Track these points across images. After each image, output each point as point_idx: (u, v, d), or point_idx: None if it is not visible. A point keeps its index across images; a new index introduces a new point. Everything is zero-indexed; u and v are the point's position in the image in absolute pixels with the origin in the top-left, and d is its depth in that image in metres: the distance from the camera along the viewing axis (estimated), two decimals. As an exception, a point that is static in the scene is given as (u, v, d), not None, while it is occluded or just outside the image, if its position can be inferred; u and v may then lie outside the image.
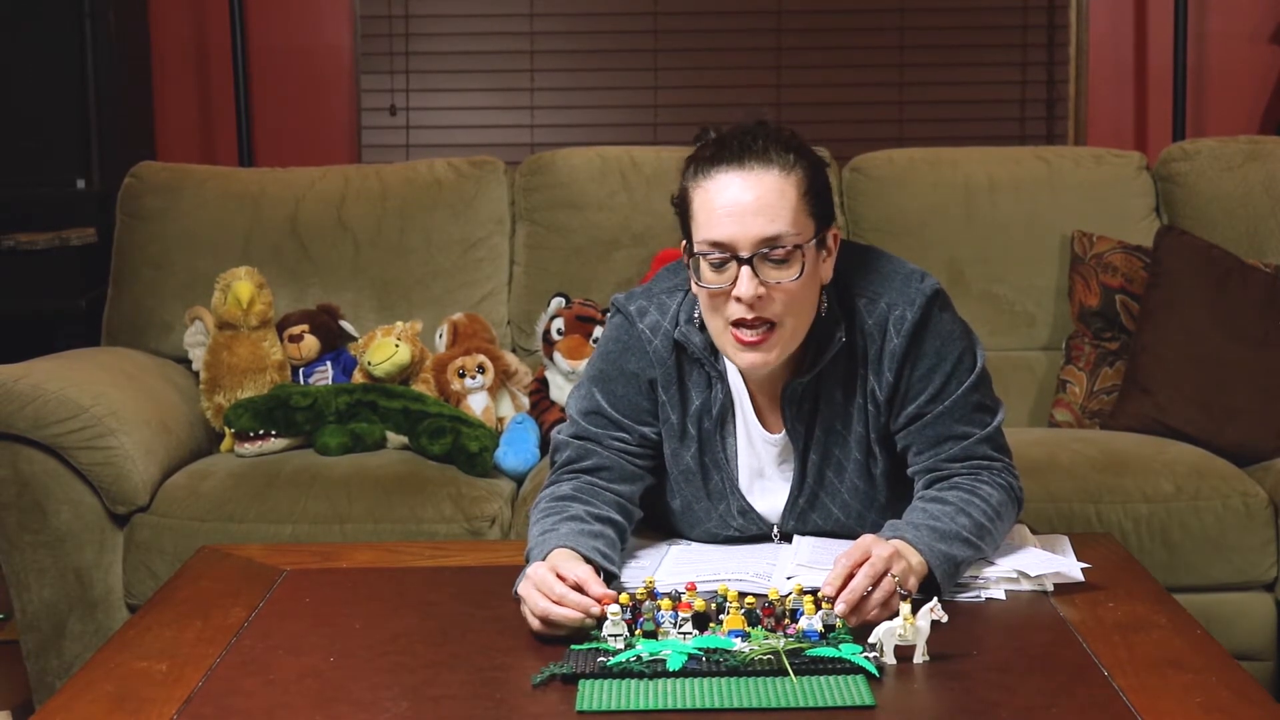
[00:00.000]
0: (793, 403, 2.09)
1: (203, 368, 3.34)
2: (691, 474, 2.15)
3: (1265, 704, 1.61)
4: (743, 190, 1.95)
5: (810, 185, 1.99)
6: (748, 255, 1.95)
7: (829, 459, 2.11)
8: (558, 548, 1.95)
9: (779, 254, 1.95)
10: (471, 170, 3.69)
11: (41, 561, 3.03)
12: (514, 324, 3.64)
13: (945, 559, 1.94)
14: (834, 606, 1.81)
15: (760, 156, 1.97)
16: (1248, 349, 3.31)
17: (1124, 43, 4.75)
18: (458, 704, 1.64)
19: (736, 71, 4.76)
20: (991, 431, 2.11)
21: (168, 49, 4.76)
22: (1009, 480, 2.10)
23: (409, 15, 4.76)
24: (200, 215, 3.62)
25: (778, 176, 1.96)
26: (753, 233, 1.94)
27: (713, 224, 1.96)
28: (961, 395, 2.08)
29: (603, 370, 2.16)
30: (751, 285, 1.95)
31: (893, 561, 1.87)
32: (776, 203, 1.95)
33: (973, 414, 2.10)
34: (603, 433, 2.14)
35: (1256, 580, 3.01)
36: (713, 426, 2.13)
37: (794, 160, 1.98)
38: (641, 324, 2.13)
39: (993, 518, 2.03)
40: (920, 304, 2.07)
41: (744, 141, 1.98)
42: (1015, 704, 1.61)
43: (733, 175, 1.96)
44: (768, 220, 1.94)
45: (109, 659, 1.82)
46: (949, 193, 3.64)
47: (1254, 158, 3.63)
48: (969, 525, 1.99)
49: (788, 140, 2.00)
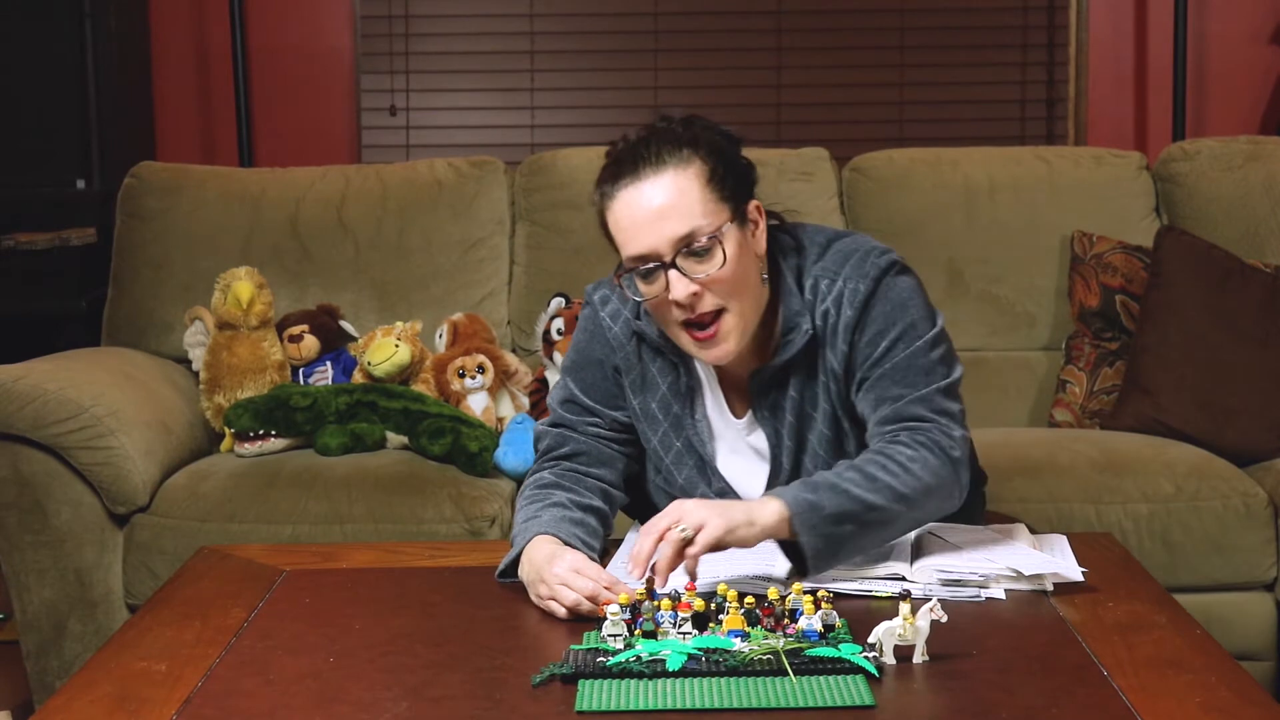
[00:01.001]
0: (760, 391, 2.12)
1: (203, 368, 3.34)
2: (666, 455, 2.19)
3: (1265, 704, 1.61)
4: (647, 199, 1.99)
5: (712, 171, 2.02)
6: (670, 259, 1.99)
7: (802, 444, 2.13)
8: (540, 534, 2.02)
9: (699, 247, 1.99)
10: (471, 170, 3.69)
11: (41, 562, 3.03)
12: (514, 324, 3.64)
13: (808, 506, 1.91)
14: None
15: (653, 162, 2.01)
16: (1248, 349, 3.31)
17: (1124, 43, 4.75)
18: (457, 704, 1.64)
19: (736, 71, 4.76)
20: (929, 392, 2.05)
21: (168, 49, 4.76)
22: (936, 437, 2.02)
23: (409, 15, 4.76)
24: (200, 215, 3.62)
25: (674, 175, 2.00)
26: (667, 236, 1.99)
27: (630, 240, 2.01)
28: (906, 358, 2.06)
29: (574, 360, 2.23)
30: (683, 285, 1.99)
31: (680, 515, 1.87)
32: (680, 201, 1.99)
33: (915, 376, 2.06)
34: (577, 419, 2.21)
35: (1256, 580, 3.01)
36: (682, 410, 2.17)
37: (688, 154, 2.01)
38: (603, 312, 2.19)
39: (894, 471, 1.97)
40: (874, 275, 2.08)
41: (636, 152, 2.02)
42: (1015, 704, 1.61)
43: (633, 188, 2.01)
44: (678, 220, 1.98)
45: (109, 659, 1.82)
46: (949, 193, 3.64)
47: (1254, 158, 3.63)
48: (855, 478, 1.95)
49: (679, 135, 2.03)
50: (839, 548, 1.95)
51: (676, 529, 1.87)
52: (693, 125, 2.05)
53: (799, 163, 3.67)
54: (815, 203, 3.62)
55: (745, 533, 1.90)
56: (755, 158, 2.10)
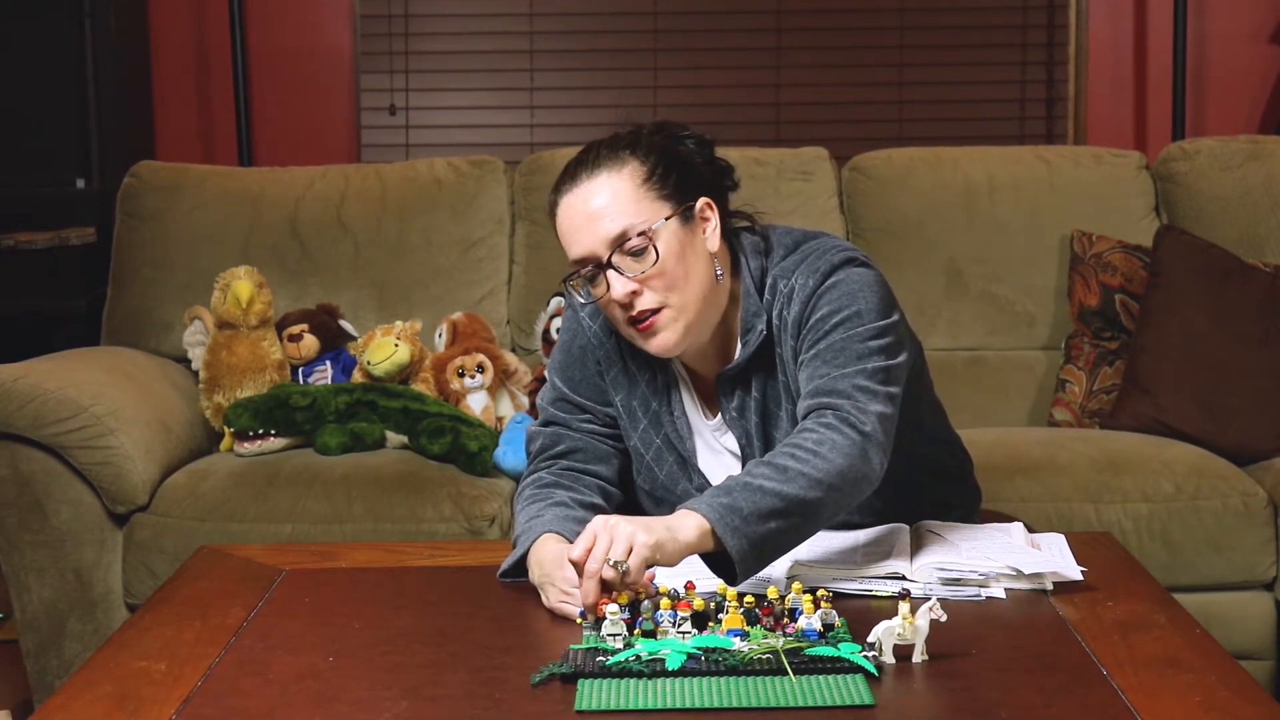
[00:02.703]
0: (727, 392, 2.13)
1: (202, 367, 3.34)
2: (646, 452, 2.19)
3: (1265, 704, 1.61)
4: (582, 203, 2.03)
5: (651, 171, 2.03)
6: (605, 259, 2.01)
7: (769, 443, 2.13)
8: (545, 533, 2.02)
9: (632, 246, 2.01)
10: (471, 170, 3.69)
11: (41, 561, 3.03)
12: (513, 323, 3.64)
13: (726, 509, 1.85)
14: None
15: (590, 167, 2.04)
16: (1248, 349, 3.31)
17: (1124, 43, 4.75)
18: (457, 704, 1.64)
19: (736, 71, 4.76)
20: (852, 371, 1.98)
21: (168, 49, 4.77)
22: (845, 414, 1.95)
23: (409, 15, 4.76)
24: (200, 215, 3.63)
25: (607, 178, 2.02)
26: (600, 236, 2.01)
27: (569, 244, 2.05)
28: (843, 340, 2.01)
29: (560, 359, 2.24)
30: (621, 284, 2.01)
31: (609, 536, 1.81)
32: (611, 201, 2.01)
33: (847, 360, 2.00)
34: (570, 417, 2.22)
35: (1256, 580, 3.01)
36: (660, 407, 2.17)
37: (624, 155, 2.04)
38: (583, 311, 2.20)
39: (803, 459, 1.90)
40: (823, 270, 2.06)
41: (579, 160, 2.06)
42: (1015, 704, 1.61)
43: (571, 195, 2.04)
44: (609, 220, 2.01)
45: (108, 659, 1.82)
46: (949, 193, 3.64)
47: (1254, 158, 3.63)
48: (767, 473, 1.89)
49: (620, 140, 2.06)
50: (764, 547, 1.87)
51: (609, 566, 1.81)
52: (641, 129, 2.09)
53: (798, 162, 3.66)
54: (815, 202, 3.62)
55: (671, 548, 1.84)
56: (754, 157, 2.11)
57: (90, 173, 4.36)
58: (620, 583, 1.82)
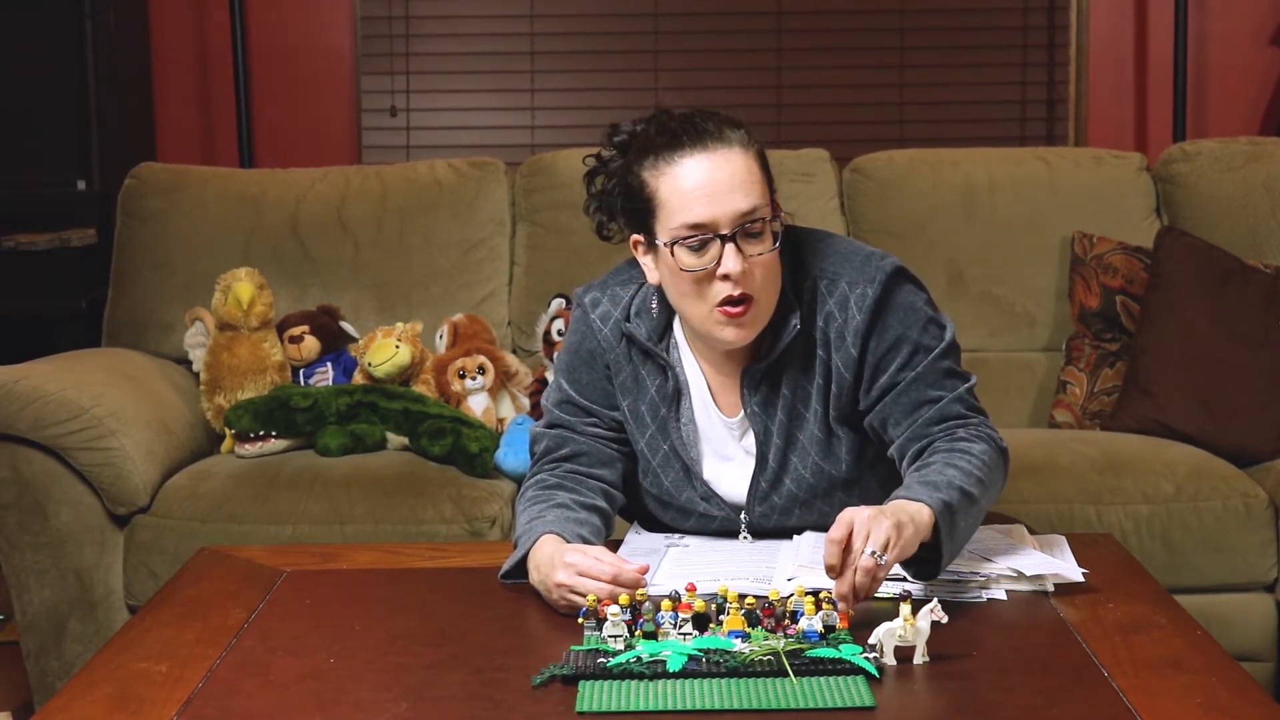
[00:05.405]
0: (752, 387, 2.12)
1: (203, 369, 3.34)
2: (653, 458, 2.18)
3: (1265, 704, 1.61)
4: (714, 170, 1.99)
5: (763, 161, 2.05)
6: (729, 232, 1.98)
7: (791, 441, 2.13)
8: (546, 534, 2.01)
9: (755, 227, 2.00)
10: (472, 171, 3.69)
11: (42, 562, 3.03)
12: (514, 325, 3.64)
13: (943, 505, 1.91)
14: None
15: (717, 137, 2.01)
16: (1248, 349, 3.31)
17: (1124, 43, 4.75)
18: (457, 705, 1.64)
19: (736, 72, 4.76)
20: (964, 393, 2.09)
21: (168, 49, 4.77)
22: (987, 432, 2.07)
23: (409, 16, 4.76)
24: (200, 216, 3.63)
25: (741, 153, 2.01)
26: (730, 209, 1.98)
27: (688, 207, 1.99)
28: (931, 362, 2.08)
29: (567, 362, 2.22)
30: (738, 261, 1.98)
31: (872, 524, 1.82)
32: (747, 178, 2.00)
33: (944, 380, 2.09)
34: (575, 420, 2.20)
35: (1256, 581, 3.01)
36: (668, 413, 2.16)
37: (747, 137, 2.03)
38: (594, 314, 2.19)
39: (980, 466, 2.00)
40: (881, 280, 2.09)
41: (698, 125, 2.02)
42: (1015, 704, 1.61)
43: (699, 157, 2.00)
44: (742, 196, 1.99)
45: (109, 660, 1.82)
46: (949, 193, 3.64)
47: (1254, 159, 3.63)
48: (958, 475, 1.96)
49: (734, 119, 2.05)
50: (959, 546, 1.95)
51: (867, 553, 1.80)
52: (736, 115, 2.08)
53: (799, 163, 3.66)
54: (815, 204, 3.62)
55: (911, 539, 1.86)
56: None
57: (90, 174, 4.36)
58: (875, 576, 1.81)
